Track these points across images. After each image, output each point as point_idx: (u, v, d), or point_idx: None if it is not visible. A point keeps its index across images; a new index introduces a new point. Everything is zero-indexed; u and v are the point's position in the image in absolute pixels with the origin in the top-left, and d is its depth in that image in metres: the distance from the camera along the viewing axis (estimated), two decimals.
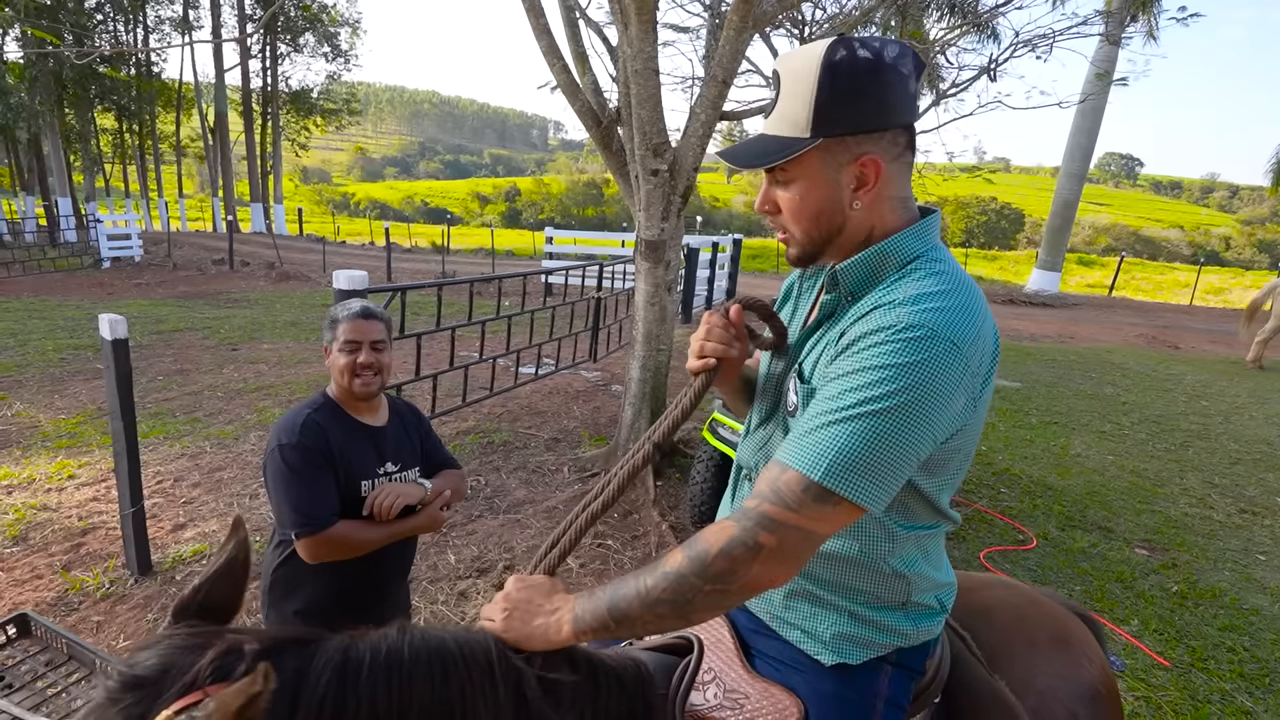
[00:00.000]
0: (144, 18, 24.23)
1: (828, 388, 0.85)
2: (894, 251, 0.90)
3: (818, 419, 0.82)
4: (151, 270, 13.43)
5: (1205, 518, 4.40)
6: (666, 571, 0.83)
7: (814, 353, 0.95)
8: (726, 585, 0.82)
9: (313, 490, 1.54)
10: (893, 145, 0.88)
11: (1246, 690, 2.70)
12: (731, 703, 1.04)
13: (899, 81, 0.86)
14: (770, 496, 0.81)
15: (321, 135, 31.24)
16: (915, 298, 0.83)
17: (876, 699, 1.02)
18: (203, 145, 28.31)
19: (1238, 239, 61.03)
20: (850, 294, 0.92)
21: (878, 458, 0.79)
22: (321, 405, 1.67)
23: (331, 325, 1.67)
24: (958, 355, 0.80)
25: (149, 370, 6.21)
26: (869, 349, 0.82)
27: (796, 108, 0.87)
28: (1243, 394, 8.03)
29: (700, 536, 0.84)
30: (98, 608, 2.77)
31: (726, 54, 3.53)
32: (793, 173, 0.91)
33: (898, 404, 0.78)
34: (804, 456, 0.81)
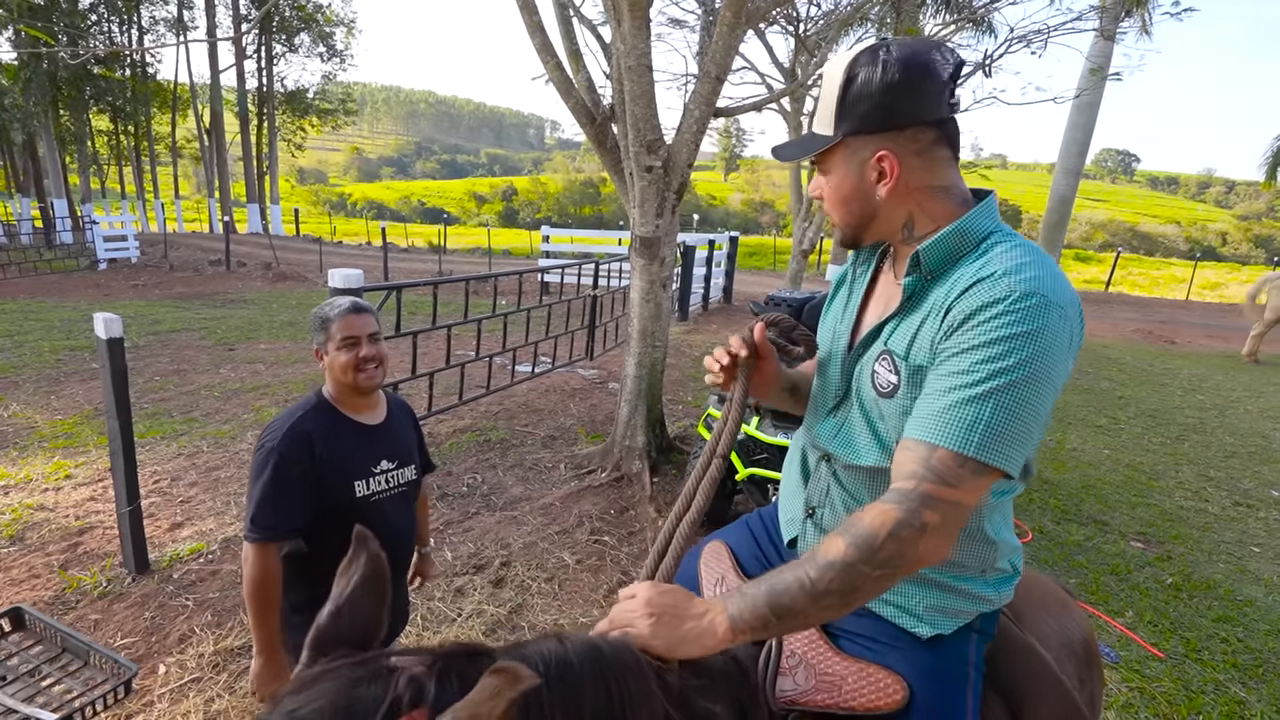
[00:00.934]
0: (138, 18, 24.18)
1: (952, 363, 0.88)
2: (970, 230, 0.96)
3: (953, 394, 0.86)
4: (148, 271, 13.41)
5: (1200, 511, 4.42)
6: (831, 562, 0.84)
7: (905, 333, 0.98)
8: (895, 568, 0.84)
9: (275, 501, 1.52)
10: (912, 142, 0.95)
11: (1240, 680, 2.72)
12: (826, 685, 1.03)
13: (920, 83, 0.92)
14: (928, 475, 0.84)
15: (317, 135, 31.21)
16: (1017, 268, 0.88)
17: (968, 666, 1.05)
18: (198, 146, 28.28)
19: (1234, 234, 61.16)
20: (930, 272, 0.97)
21: (1020, 425, 0.84)
22: (314, 407, 1.65)
23: (323, 325, 1.64)
24: (1066, 318, 0.86)
25: (145, 371, 6.21)
26: (989, 321, 0.86)
27: (827, 107, 0.98)
28: (1238, 388, 8.05)
29: (858, 522, 0.86)
30: (95, 606, 2.77)
31: (720, 50, 3.53)
32: (827, 165, 1.02)
33: (1029, 371, 0.83)
34: (953, 433, 0.84)
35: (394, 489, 1.73)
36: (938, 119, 0.95)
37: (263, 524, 1.52)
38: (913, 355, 0.96)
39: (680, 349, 8.02)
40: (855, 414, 1.07)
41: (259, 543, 1.52)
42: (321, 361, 1.67)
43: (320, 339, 1.65)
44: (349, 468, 1.62)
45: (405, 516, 1.80)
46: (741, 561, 1.28)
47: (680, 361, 7.39)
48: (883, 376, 1.00)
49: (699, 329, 9.62)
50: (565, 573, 3.20)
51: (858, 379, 1.06)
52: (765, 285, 14.47)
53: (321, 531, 1.60)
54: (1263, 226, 64.40)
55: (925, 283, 0.97)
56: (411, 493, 1.81)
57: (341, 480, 1.61)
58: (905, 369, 0.96)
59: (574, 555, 3.34)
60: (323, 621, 0.71)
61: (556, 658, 0.75)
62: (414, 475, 1.80)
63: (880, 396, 1.00)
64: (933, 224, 0.99)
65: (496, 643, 0.80)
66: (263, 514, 1.52)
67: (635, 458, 4.17)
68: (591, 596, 3.02)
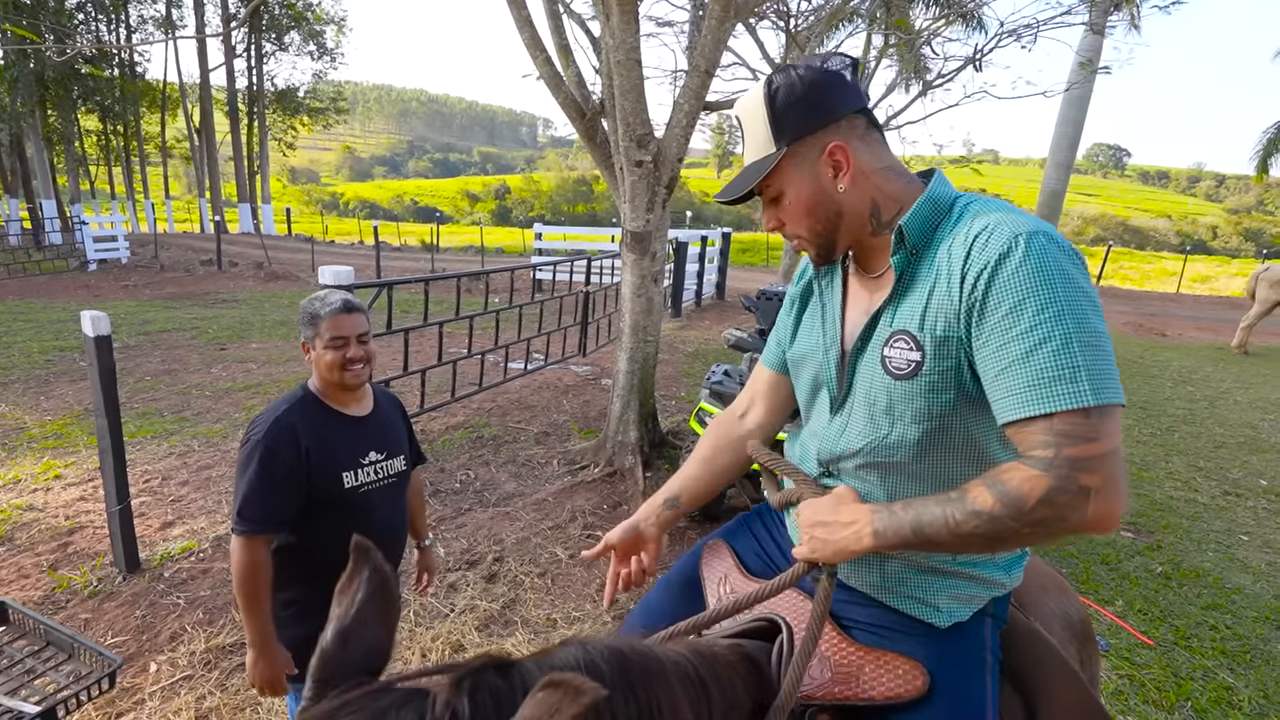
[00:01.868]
0: (126, 16, 23.98)
1: (1008, 328, 0.85)
2: (939, 198, 0.98)
3: (1036, 357, 0.83)
4: (138, 272, 13.33)
5: (1190, 500, 4.45)
6: (978, 510, 0.84)
7: (913, 309, 0.96)
8: (1053, 529, 0.82)
9: (262, 494, 1.52)
10: (852, 127, 0.98)
11: (1228, 667, 2.74)
12: (843, 676, 1.01)
13: (835, 81, 0.98)
14: (1064, 441, 0.81)
15: (308, 135, 31.03)
16: (1004, 216, 0.90)
17: (985, 651, 1.05)
18: (188, 146, 28.08)
19: (1224, 228, 61.58)
20: (914, 246, 0.97)
21: (1103, 352, 0.83)
22: (300, 400, 1.64)
23: (312, 321, 1.62)
24: (1074, 250, 0.89)
25: (136, 371, 6.18)
26: (1017, 271, 0.85)
27: (758, 133, 1.01)
28: (1228, 379, 8.11)
29: (1004, 479, 0.83)
30: (85, 605, 2.76)
31: (709, 44, 3.53)
32: (777, 185, 1.02)
33: (1079, 301, 0.84)
34: (1061, 393, 0.81)
35: (383, 480, 1.72)
36: (861, 106, 0.99)
37: (250, 517, 1.51)
38: (931, 326, 0.94)
39: (674, 345, 8.03)
40: (860, 414, 1.04)
41: (247, 535, 1.51)
42: (308, 355, 1.66)
43: (308, 334, 1.64)
44: (336, 459, 1.62)
45: (396, 508, 1.79)
46: (745, 560, 1.26)
47: (673, 357, 7.40)
48: (899, 358, 0.97)
49: (692, 324, 9.63)
50: (558, 568, 3.20)
51: (861, 375, 1.04)
52: (758, 280, 14.48)
53: (312, 524, 1.60)
54: (1252, 220, 64.84)
55: (912, 257, 0.97)
56: (401, 484, 1.79)
57: (329, 472, 1.60)
58: (929, 342, 0.93)
59: (567, 550, 3.34)
60: (327, 648, 0.63)
61: (585, 666, 0.71)
62: (403, 466, 1.79)
63: (899, 379, 0.97)
64: (896, 205, 1.00)
65: (490, 639, 0.78)
66: (250, 507, 1.51)
67: (628, 453, 4.17)
68: (584, 591, 3.03)
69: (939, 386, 0.94)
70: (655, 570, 1.32)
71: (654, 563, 1.31)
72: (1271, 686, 2.63)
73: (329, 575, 1.62)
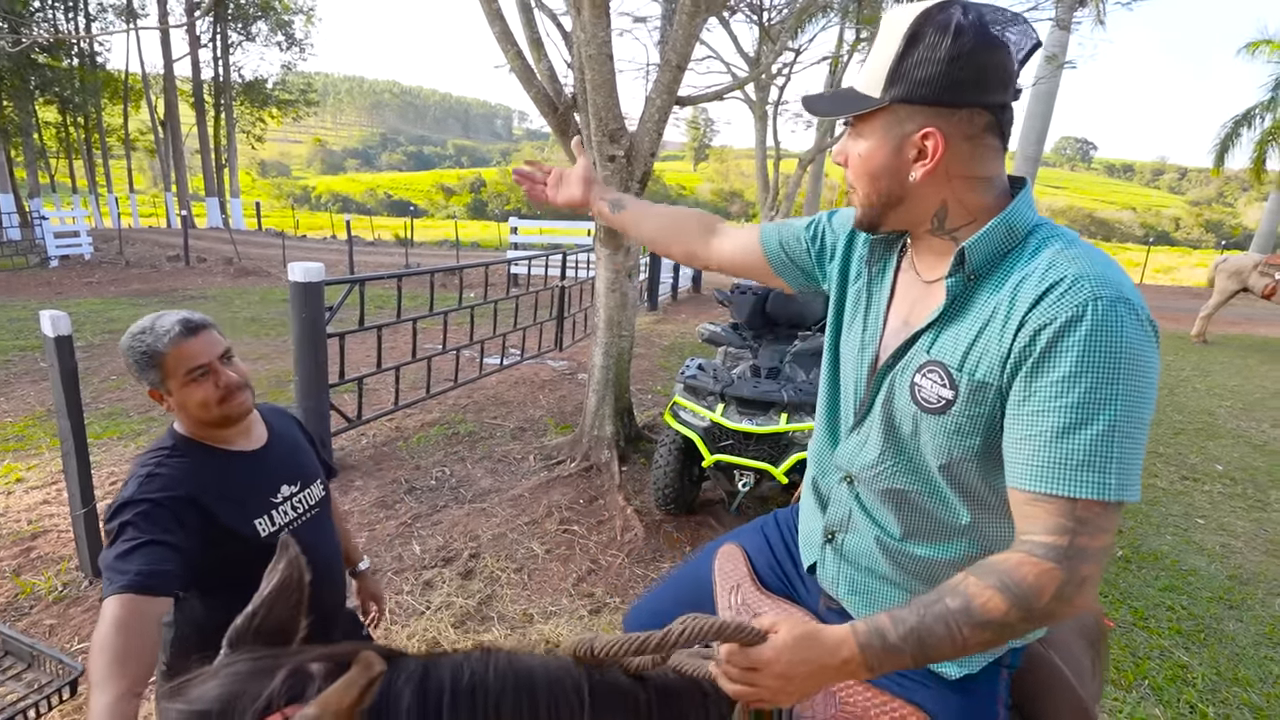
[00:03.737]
0: (85, 4, 23.26)
1: (1055, 396, 0.79)
2: (1016, 224, 0.87)
3: (1077, 437, 0.78)
4: (103, 268, 12.99)
5: (1150, 486, 4.59)
6: (989, 621, 0.77)
7: (957, 342, 0.89)
8: (1046, 621, 0.80)
9: (146, 554, 1.17)
10: (966, 124, 0.85)
11: (1183, 646, 2.84)
12: (847, 715, 0.99)
13: (990, 57, 0.82)
14: (1078, 529, 0.78)
15: (278, 127, 30.44)
16: (1087, 271, 0.80)
17: (997, 703, 1.00)
18: (153, 138, 27.36)
19: (1186, 219, 63.22)
20: (975, 272, 0.88)
21: (1138, 448, 0.79)
22: (171, 450, 1.33)
23: (150, 361, 1.28)
24: (1146, 317, 0.81)
25: (101, 370, 6.03)
26: (1081, 342, 0.78)
27: (878, 65, 0.86)
28: (1187, 367, 8.36)
29: (1016, 576, 0.78)
30: (50, 611, 2.71)
31: (680, 39, 3.54)
32: (862, 129, 0.91)
33: (1135, 390, 0.78)
34: (1090, 480, 0.78)
35: (305, 515, 1.47)
36: (1000, 103, 0.85)
37: (134, 570, 1.14)
38: (971, 367, 0.86)
39: (650, 339, 8.05)
40: (879, 431, 0.98)
41: (118, 594, 1.11)
42: (164, 403, 1.33)
43: (154, 378, 1.30)
44: (243, 508, 1.35)
45: (328, 540, 1.57)
46: (758, 569, 1.23)
47: (650, 351, 7.42)
48: (930, 390, 0.90)
49: (668, 318, 9.66)
50: (535, 563, 3.21)
51: (888, 393, 0.97)
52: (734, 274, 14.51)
53: (237, 590, 1.31)
54: (1213, 212, 66.68)
55: (969, 283, 0.88)
56: (325, 513, 1.57)
57: (239, 525, 1.33)
58: (966, 384, 0.87)
59: (543, 545, 3.35)
60: (238, 622, 0.72)
61: (471, 671, 0.73)
62: (322, 491, 1.56)
63: (926, 412, 0.91)
64: (968, 217, 0.89)
65: (466, 635, 0.78)
66: (126, 561, 1.16)
67: (604, 447, 4.18)
68: (560, 585, 3.04)
69: (966, 430, 0.88)
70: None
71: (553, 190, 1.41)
72: (1224, 663, 2.74)
73: None
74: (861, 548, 1.04)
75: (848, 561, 1.07)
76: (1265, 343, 10.41)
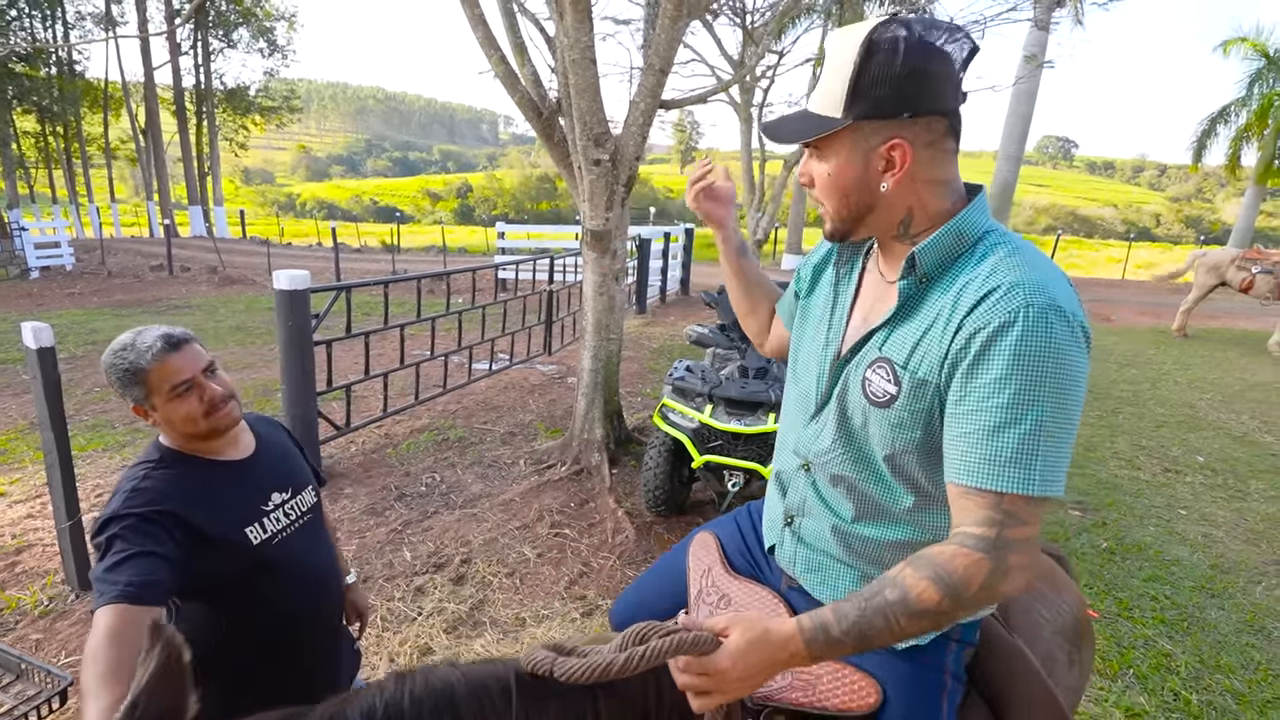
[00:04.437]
0: (63, 13, 22.98)
1: (986, 397, 0.85)
2: (966, 230, 0.92)
3: (1005, 436, 0.83)
4: (85, 279, 12.84)
5: (1133, 478, 4.66)
6: (925, 610, 0.84)
7: (904, 341, 0.94)
8: (975, 609, 0.86)
9: (134, 565, 1.17)
10: (926, 131, 0.90)
11: (1167, 635, 2.89)
12: (802, 684, 1.03)
13: (939, 67, 0.87)
14: (1006, 520, 0.84)
15: (261, 134, 30.19)
16: (1024, 278, 0.85)
17: (945, 674, 1.05)
18: (134, 147, 27.09)
19: (1167, 215, 64.11)
20: (926, 276, 0.93)
21: (1065, 446, 0.85)
22: (158, 462, 1.32)
23: (134, 378, 1.28)
24: (1078, 323, 0.85)
25: (84, 382, 5.97)
26: (1014, 345, 0.83)
27: (834, 87, 0.90)
28: (1168, 361, 8.48)
29: (948, 567, 0.83)
30: (36, 625, 2.68)
31: (663, 43, 3.57)
32: (826, 150, 0.95)
33: (1063, 391, 0.83)
34: (1016, 476, 0.83)
35: (298, 521, 1.46)
36: (952, 108, 0.91)
37: (124, 580, 1.14)
38: (914, 365, 0.92)
39: (639, 341, 8.07)
40: (834, 422, 1.04)
41: (110, 604, 1.10)
42: (150, 419, 1.33)
43: (138, 394, 1.29)
44: (234, 517, 1.35)
45: (322, 549, 1.55)
46: (729, 555, 1.29)
47: (639, 354, 7.44)
48: (878, 385, 0.96)
49: (657, 320, 9.68)
50: (526, 567, 3.21)
51: (844, 386, 1.02)
52: (721, 276, 14.55)
53: (233, 602, 1.33)
54: (1192, 208, 67.64)
55: (920, 285, 0.94)
56: (317, 519, 1.55)
57: (231, 534, 1.33)
58: (908, 380, 0.92)
59: (535, 549, 3.35)
60: (118, 716, 0.71)
61: (385, 706, 0.72)
62: (314, 498, 1.55)
63: (873, 405, 0.97)
64: (929, 221, 0.95)
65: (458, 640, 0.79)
66: (116, 573, 1.15)
67: (594, 450, 4.19)
68: (553, 589, 3.05)
69: (907, 424, 0.94)
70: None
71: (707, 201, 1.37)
72: (1206, 651, 2.79)
73: (278, 649, 1.41)
74: (816, 531, 1.11)
75: (804, 543, 1.13)
76: (1244, 336, 10.58)
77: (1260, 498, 4.41)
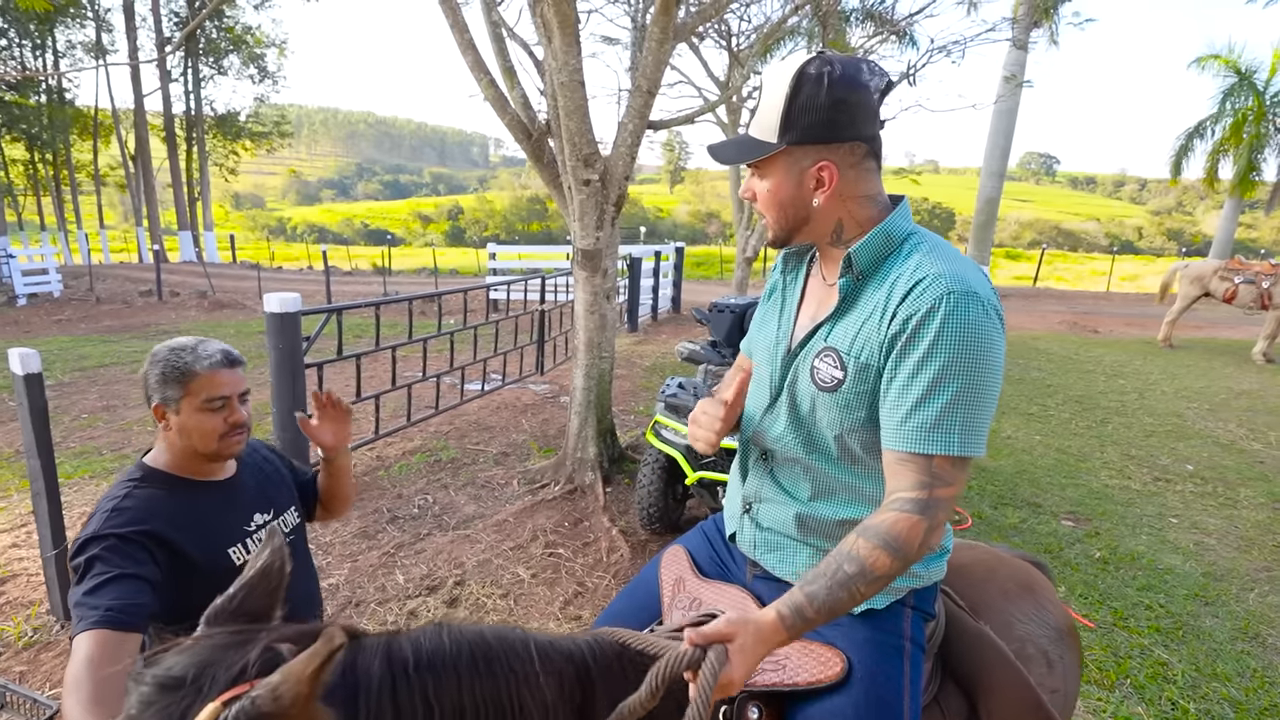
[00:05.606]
0: (53, 42, 23.11)
1: (916, 373, 0.97)
2: (893, 232, 1.05)
3: (932, 404, 0.96)
4: (73, 305, 12.75)
5: (1124, 488, 4.69)
6: (879, 577, 0.94)
7: (847, 331, 1.06)
8: (915, 561, 0.97)
9: (116, 587, 1.14)
10: (850, 154, 1.03)
11: (1163, 644, 2.89)
12: (773, 665, 1.08)
13: (861, 101, 1.00)
14: (934, 482, 0.96)
15: (252, 159, 30.32)
16: (945, 270, 0.97)
17: (903, 638, 1.13)
18: (124, 173, 27.09)
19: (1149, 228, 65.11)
20: (861, 273, 1.05)
21: (985, 412, 0.97)
22: (140, 481, 1.30)
23: (181, 377, 1.29)
24: (994, 306, 0.98)
25: (72, 409, 5.91)
26: (939, 327, 0.95)
27: (770, 115, 1.02)
28: (1155, 371, 8.57)
29: (893, 534, 0.94)
30: (20, 657, 2.63)
31: (650, 65, 3.63)
32: (764, 170, 1.08)
33: (983, 364, 0.95)
34: (942, 440, 0.95)
35: None
36: (871, 134, 1.03)
37: (102, 606, 1.11)
38: (857, 351, 1.03)
39: (631, 359, 8.08)
40: (785, 410, 1.15)
41: (92, 630, 1.08)
42: (164, 421, 1.32)
43: (171, 394, 1.30)
44: (215, 537, 1.33)
45: (304, 568, 1.54)
46: (699, 563, 1.34)
47: (631, 372, 7.44)
48: (824, 372, 1.07)
49: (649, 338, 9.70)
50: (521, 588, 3.19)
51: (793, 376, 1.13)
52: (712, 293, 14.66)
53: None
54: (1174, 220, 68.74)
55: (857, 282, 1.06)
56: (301, 540, 1.55)
57: (212, 555, 1.31)
58: (853, 365, 1.04)
59: (529, 570, 3.33)
60: (218, 602, 0.76)
61: (429, 643, 0.78)
62: (297, 518, 1.54)
63: (820, 391, 1.08)
64: (859, 228, 1.07)
65: None
66: (96, 597, 1.13)
67: (587, 469, 4.18)
68: (547, 609, 3.02)
69: (853, 405, 1.05)
70: None
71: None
72: (1202, 659, 2.79)
73: None
74: (773, 515, 1.20)
75: (761, 528, 1.23)
76: (1228, 345, 10.71)
77: (1249, 505, 4.44)
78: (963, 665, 1.22)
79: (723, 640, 0.89)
